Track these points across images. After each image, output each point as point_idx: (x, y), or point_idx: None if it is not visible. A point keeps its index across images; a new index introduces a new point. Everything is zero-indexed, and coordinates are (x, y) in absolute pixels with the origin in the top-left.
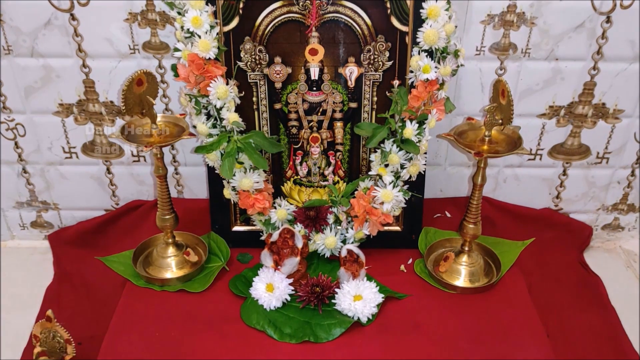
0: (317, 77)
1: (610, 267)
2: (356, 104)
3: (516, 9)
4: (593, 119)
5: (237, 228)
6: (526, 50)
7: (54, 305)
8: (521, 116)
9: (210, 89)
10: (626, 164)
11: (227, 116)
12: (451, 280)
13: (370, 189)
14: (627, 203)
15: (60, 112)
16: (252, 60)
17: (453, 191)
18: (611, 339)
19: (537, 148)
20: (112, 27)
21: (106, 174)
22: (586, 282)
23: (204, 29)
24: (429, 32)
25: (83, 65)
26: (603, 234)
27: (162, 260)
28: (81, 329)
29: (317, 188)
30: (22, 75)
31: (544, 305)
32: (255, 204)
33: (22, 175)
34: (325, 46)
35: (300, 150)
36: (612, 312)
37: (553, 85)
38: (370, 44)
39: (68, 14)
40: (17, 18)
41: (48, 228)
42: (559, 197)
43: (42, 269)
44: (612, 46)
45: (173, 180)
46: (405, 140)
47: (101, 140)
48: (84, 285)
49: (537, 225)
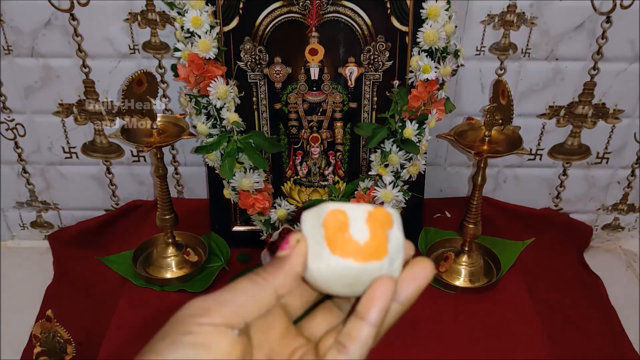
0: (317, 77)
1: (611, 268)
2: (356, 104)
3: (516, 9)
4: (593, 119)
5: (237, 228)
6: (526, 51)
7: (54, 306)
8: (521, 116)
9: (210, 89)
10: (626, 164)
11: (227, 116)
12: (451, 281)
13: (370, 189)
14: (627, 203)
15: (60, 112)
16: (252, 60)
17: (453, 191)
18: (611, 339)
19: (537, 148)
20: (112, 27)
21: (106, 174)
22: (586, 282)
23: (204, 29)
24: (429, 32)
25: (83, 65)
26: (603, 234)
27: (162, 260)
28: (81, 329)
29: (317, 188)
30: (22, 75)
31: (544, 305)
32: (255, 204)
33: (22, 175)
34: (325, 46)
35: (300, 150)
36: (612, 313)
37: (553, 85)
38: (370, 44)
39: (68, 14)
40: (17, 18)
41: (48, 228)
42: (559, 197)
43: (42, 269)
44: (612, 46)
45: (173, 180)
46: (405, 140)
47: (101, 140)
48: (84, 285)
49: (537, 226)
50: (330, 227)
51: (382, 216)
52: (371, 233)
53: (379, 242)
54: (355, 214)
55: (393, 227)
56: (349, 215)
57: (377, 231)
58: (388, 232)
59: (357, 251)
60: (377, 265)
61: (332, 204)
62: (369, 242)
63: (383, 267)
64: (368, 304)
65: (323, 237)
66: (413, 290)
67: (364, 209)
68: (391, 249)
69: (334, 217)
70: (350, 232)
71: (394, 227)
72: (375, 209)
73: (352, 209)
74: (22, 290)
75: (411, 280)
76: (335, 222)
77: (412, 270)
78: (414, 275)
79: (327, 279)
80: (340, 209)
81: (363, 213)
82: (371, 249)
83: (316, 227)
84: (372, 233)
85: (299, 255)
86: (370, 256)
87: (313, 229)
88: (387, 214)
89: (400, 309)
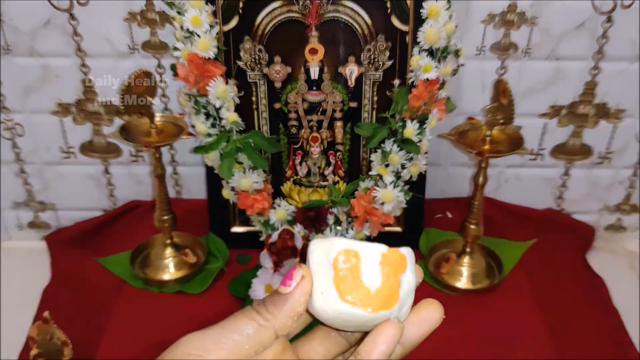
0: (317, 77)
1: (613, 268)
2: (356, 103)
3: (516, 8)
4: (594, 119)
5: (236, 229)
6: (527, 50)
7: (51, 307)
8: (522, 116)
9: (210, 88)
10: (628, 164)
11: (226, 116)
12: (453, 282)
13: (371, 189)
14: (630, 203)
15: (59, 111)
16: (252, 59)
17: (454, 191)
18: (614, 340)
19: (538, 148)
20: (112, 26)
21: (104, 174)
22: (589, 283)
23: (204, 29)
24: (430, 31)
25: (82, 65)
26: (606, 235)
27: (160, 261)
28: (78, 331)
29: (317, 188)
30: (21, 75)
31: (547, 306)
32: (255, 205)
33: (20, 175)
34: (325, 46)
35: (300, 150)
36: (615, 314)
37: (554, 85)
38: (370, 43)
39: (67, 13)
40: (16, 18)
41: (45, 229)
42: (561, 197)
43: (39, 270)
44: (613, 46)
45: (171, 180)
46: (406, 140)
47: (99, 140)
48: (82, 286)
49: (540, 226)
50: (340, 269)
51: (396, 259)
52: (383, 280)
53: (390, 291)
54: (368, 256)
55: (406, 270)
56: (361, 258)
57: (390, 277)
58: (400, 277)
59: (367, 300)
60: (387, 313)
61: (344, 242)
62: (381, 291)
63: (392, 314)
64: (371, 348)
65: (332, 278)
66: (418, 336)
67: (378, 250)
68: (402, 295)
69: (346, 259)
70: (361, 279)
71: (406, 270)
72: (389, 251)
73: (365, 250)
74: (18, 292)
75: (417, 325)
76: (346, 264)
77: (419, 315)
78: (421, 320)
79: (332, 320)
80: (353, 250)
81: (377, 255)
82: (382, 298)
83: (325, 264)
84: (384, 280)
85: (302, 294)
86: (380, 306)
87: (321, 265)
88: (401, 257)
89: (403, 351)
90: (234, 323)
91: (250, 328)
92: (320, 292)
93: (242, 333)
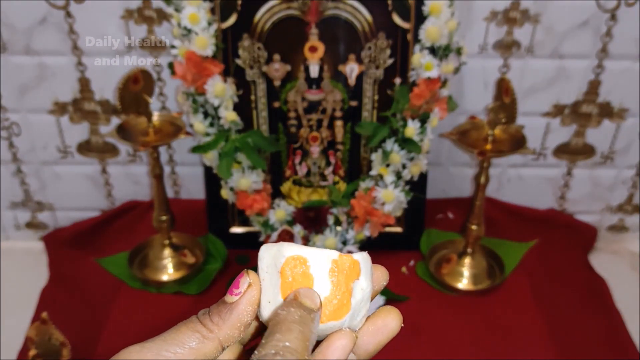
0: (316, 75)
1: (615, 269)
2: (357, 102)
3: (519, 6)
4: (597, 118)
5: (235, 229)
6: (530, 48)
7: (49, 308)
8: (525, 115)
9: (208, 87)
10: (631, 164)
11: (224, 115)
12: (454, 283)
13: (371, 189)
14: (632, 204)
15: (55, 110)
16: (251, 57)
17: (455, 191)
18: (616, 341)
19: (541, 147)
20: (108, 24)
21: (102, 173)
22: (591, 284)
23: (202, 26)
24: (431, 29)
25: (79, 63)
26: (608, 236)
27: (158, 261)
28: (76, 332)
29: (316, 188)
30: (17, 73)
31: (548, 307)
32: (254, 205)
33: (17, 175)
34: (325, 43)
35: (300, 150)
36: (617, 315)
37: (557, 83)
38: (371, 41)
39: (63, 11)
40: (12, 15)
41: (43, 229)
42: (563, 197)
43: (38, 271)
44: (617, 44)
45: (170, 180)
46: (407, 140)
47: (96, 139)
48: (80, 287)
49: (542, 226)
50: (287, 276)
51: (348, 266)
52: (332, 289)
53: (340, 301)
54: (317, 262)
55: (360, 277)
56: (310, 265)
57: (340, 286)
58: (353, 284)
59: None
60: (337, 324)
61: (293, 248)
62: (330, 300)
63: (344, 324)
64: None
65: (279, 286)
66: (373, 346)
67: (328, 257)
68: (354, 304)
69: (294, 266)
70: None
71: (360, 277)
72: (340, 257)
73: (314, 256)
74: (17, 293)
75: (373, 335)
76: (293, 272)
77: (375, 324)
78: (377, 329)
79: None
80: (301, 256)
81: (327, 262)
82: (332, 308)
83: (273, 271)
84: (333, 289)
85: (249, 303)
86: (329, 317)
87: (270, 272)
88: (354, 263)
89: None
90: (176, 335)
91: (192, 340)
92: (267, 300)
93: (184, 346)
